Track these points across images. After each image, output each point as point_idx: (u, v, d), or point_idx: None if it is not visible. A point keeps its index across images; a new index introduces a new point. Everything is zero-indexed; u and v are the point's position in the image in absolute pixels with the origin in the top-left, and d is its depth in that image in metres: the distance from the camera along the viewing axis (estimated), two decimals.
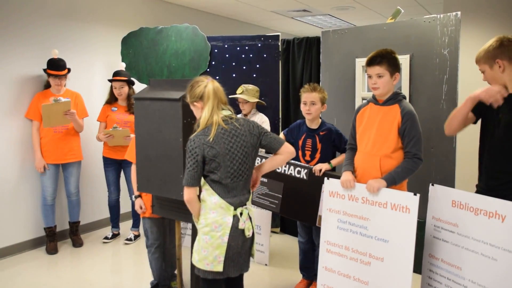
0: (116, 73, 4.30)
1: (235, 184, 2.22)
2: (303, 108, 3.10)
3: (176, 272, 3.10)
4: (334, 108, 3.88)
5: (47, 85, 4.19)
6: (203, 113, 2.22)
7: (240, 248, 2.23)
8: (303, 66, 4.58)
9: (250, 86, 3.89)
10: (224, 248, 2.16)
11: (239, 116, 3.92)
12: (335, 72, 3.91)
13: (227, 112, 2.28)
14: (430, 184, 2.47)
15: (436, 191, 2.43)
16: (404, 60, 3.47)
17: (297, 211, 3.09)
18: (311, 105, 3.04)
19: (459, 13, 3.23)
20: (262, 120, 3.92)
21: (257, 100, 3.92)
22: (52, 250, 4.12)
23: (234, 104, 4.11)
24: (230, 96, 3.97)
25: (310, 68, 4.53)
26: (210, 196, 2.20)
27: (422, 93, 3.44)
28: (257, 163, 3.30)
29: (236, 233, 2.19)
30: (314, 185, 2.92)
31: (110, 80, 4.32)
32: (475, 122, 2.44)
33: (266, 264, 3.81)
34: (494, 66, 2.26)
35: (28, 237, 4.22)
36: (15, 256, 4.07)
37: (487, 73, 2.32)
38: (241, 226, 2.20)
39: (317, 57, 4.35)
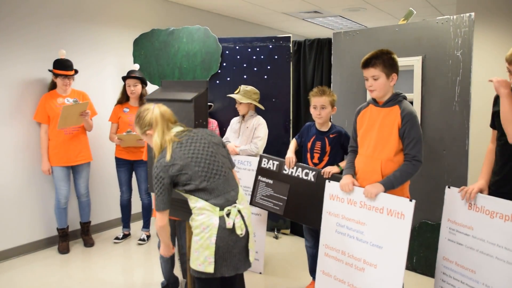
0: (131, 72, 4.31)
1: (213, 184, 2.23)
2: (313, 112, 3.08)
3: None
4: (345, 110, 3.86)
5: (51, 87, 4.16)
6: (153, 139, 2.26)
7: (231, 247, 2.21)
8: (314, 68, 4.57)
9: (248, 88, 3.80)
10: (212, 249, 2.16)
11: (236, 118, 3.94)
12: (346, 73, 3.90)
13: (178, 128, 2.33)
14: (446, 187, 2.44)
15: (452, 193, 2.40)
16: (416, 61, 3.44)
17: (302, 214, 3.05)
18: (321, 109, 3.03)
19: (472, 14, 3.20)
20: (259, 123, 3.80)
21: (251, 101, 3.79)
22: (64, 250, 4.17)
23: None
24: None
25: (321, 69, 4.52)
26: (195, 203, 2.23)
27: (434, 95, 3.42)
28: (264, 164, 3.31)
29: (224, 234, 2.18)
30: (321, 187, 2.86)
31: (124, 78, 4.31)
32: None
33: (260, 273, 3.68)
34: None
35: (40, 236, 4.27)
36: (28, 255, 4.12)
37: None
38: (228, 225, 2.18)
39: (328, 59, 4.34)
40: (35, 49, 4.15)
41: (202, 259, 2.18)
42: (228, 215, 2.21)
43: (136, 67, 4.40)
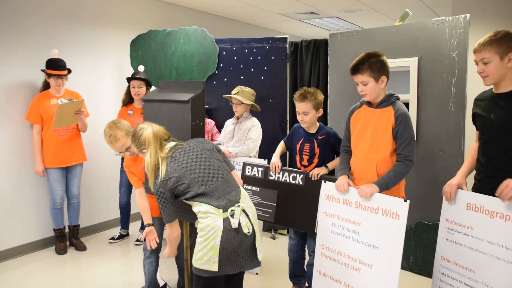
0: (136, 73, 4.29)
1: (212, 187, 2.27)
2: (297, 117, 3.00)
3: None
4: (342, 111, 3.88)
5: (44, 87, 4.12)
6: (146, 158, 2.33)
7: (237, 247, 2.23)
8: (311, 68, 4.59)
9: (246, 88, 3.77)
10: (217, 250, 2.18)
11: (230, 120, 3.93)
12: (343, 74, 3.92)
13: (171, 144, 2.39)
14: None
15: None
16: (412, 62, 3.46)
17: (293, 219, 2.99)
18: (304, 115, 2.94)
19: (468, 15, 3.22)
20: (253, 124, 3.76)
21: (251, 103, 3.77)
22: (62, 250, 4.16)
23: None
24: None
25: (318, 70, 4.53)
26: (199, 207, 2.26)
27: (430, 96, 3.43)
28: (248, 171, 3.26)
29: (229, 235, 2.19)
30: (311, 190, 2.84)
31: (129, 79, 4.28)
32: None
33: (257, 273, 3.68)
34: (505, 58, 2.13)
35: (37, 237, 4.26)
36: (25, 255, 4.11)
37: (495, 64, 2.15)
38: (233, 225, 2.20)
39: (325, 59, 4.35)
40: (31, 50, 4.13)
41: (206, 258, 2.19)
42: (232, 215, 2.23)
43: (141, 68, 4.38)
